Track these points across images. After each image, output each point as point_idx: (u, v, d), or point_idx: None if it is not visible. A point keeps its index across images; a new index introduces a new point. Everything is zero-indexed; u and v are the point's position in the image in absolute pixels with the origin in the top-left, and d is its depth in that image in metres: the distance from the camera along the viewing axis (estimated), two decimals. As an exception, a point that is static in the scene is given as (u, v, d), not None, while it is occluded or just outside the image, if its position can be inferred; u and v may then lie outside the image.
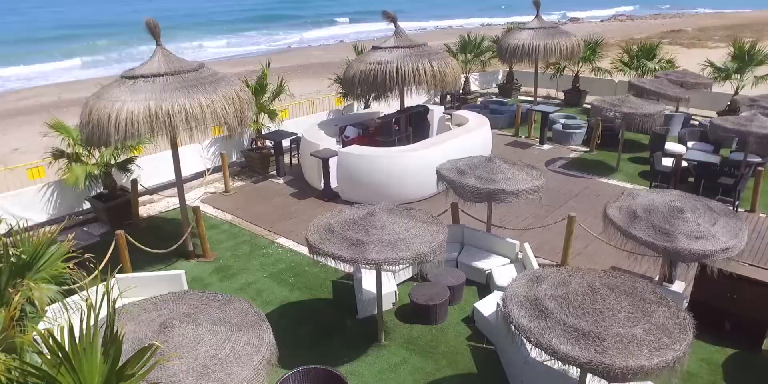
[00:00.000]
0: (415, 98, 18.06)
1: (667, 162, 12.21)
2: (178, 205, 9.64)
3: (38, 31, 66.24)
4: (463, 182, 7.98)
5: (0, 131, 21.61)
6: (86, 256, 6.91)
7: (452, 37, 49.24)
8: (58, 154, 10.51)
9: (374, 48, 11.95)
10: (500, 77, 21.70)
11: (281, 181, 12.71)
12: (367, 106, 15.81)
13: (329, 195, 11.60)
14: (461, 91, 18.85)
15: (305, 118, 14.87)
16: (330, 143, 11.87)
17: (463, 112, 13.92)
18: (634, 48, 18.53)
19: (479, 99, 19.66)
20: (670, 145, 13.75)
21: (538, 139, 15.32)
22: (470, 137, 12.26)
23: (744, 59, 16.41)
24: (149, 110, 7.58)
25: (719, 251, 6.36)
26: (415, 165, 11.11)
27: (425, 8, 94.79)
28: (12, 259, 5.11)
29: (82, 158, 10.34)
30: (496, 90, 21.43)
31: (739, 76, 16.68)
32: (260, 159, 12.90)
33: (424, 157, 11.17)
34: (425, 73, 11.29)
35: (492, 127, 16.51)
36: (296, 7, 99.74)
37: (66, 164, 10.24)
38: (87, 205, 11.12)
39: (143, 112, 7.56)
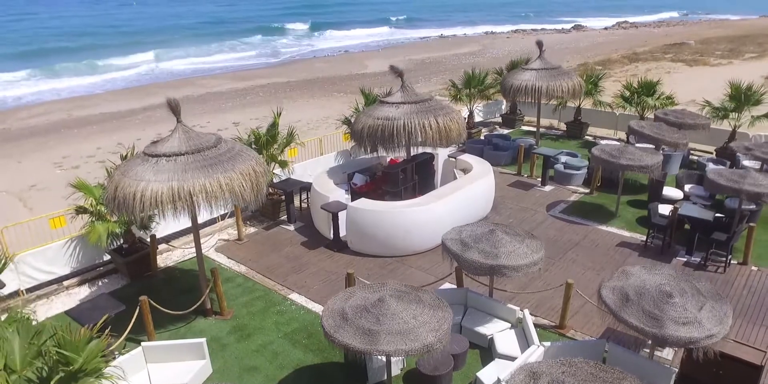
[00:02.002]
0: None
1: (664, 210, 12.66)
2: (195, 255, 10.16)
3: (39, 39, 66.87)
4: (466, 257, 8.46)
5: (15, 158, 22.12)
6: (117, 354, 7.52)
7: (473, 45, 49.16)
8: (80, 211, 11.00)
9: (381, 102, 12.42)
10: (504, 107, 22.14)
11: (292, 228, 13.21)
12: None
13: (338, 246, 12.10)
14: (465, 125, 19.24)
15: (314, 160, 15.33)
16: (339, 194, 12.37)
17: (466, 157, 14.37)
18: (635, 85, 18.88)
19: (483, 133, 20.10)
20: (668, 190, 14.22)
21: (540, 179, 15.78)
22: (474, 188, 12.74)
23: (740, 100, 16.79)
24: (172, 190, 8.09)
25: (704, 338, 6.83)
26: (421, 219, 11.61)
27: (448, 14, 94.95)
28: (60, 366, 5.57)
29: (104, 216, 10.83)
30: (500, 120, 21.87)
31: (736, 114, 17.08)
32: (271, 205, 13.40)
33: (429, 210, 11.68)
34: (431, 129, 11.78)
35: (495, 164, 17.14)
36: (299, 12, 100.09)
37: (88, 222, 10.73)
38: (107, 257, 11.64)
39: (166, 193, 8.07)
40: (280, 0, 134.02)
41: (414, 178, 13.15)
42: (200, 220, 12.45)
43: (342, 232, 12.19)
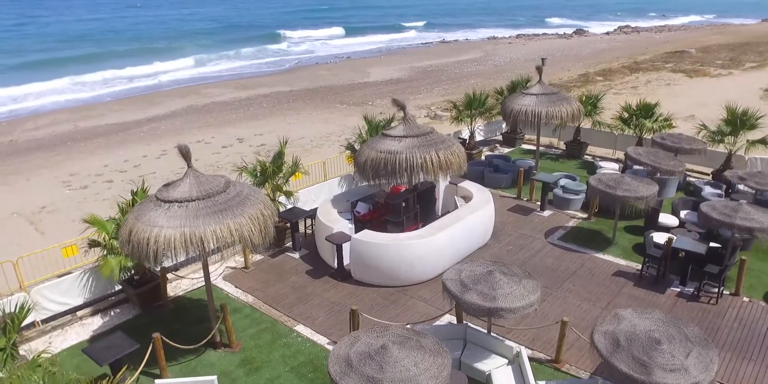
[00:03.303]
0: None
1: (659, 239, 12.99)
2: (203, 284, 10.53)
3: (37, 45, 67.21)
4: (465, 299, 8.82)
5: (23, 175, 22.52)
6: None
7: (475, 52, 49.46)
8: (93, 244, 11.39)
9: (384, 135, 12.77)
10: (504, 126, 22.48)
11: (297, 255, 13.59)
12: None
13: (342, 275, 12.49)
14: (466, 145, 19.62)
15: (318, 186, 15.68)
16: (343, 225, 12.75)
17: (467, 185, 14.72)
18: (633, 106, 19.19)
19: (484, 152, 20.44)
20: (664, 217, 14.57)
21: (539, 203, 16.12)
22: (474, 218, 13.11)
23: (736, 124, 17.12)
24: (184, 236, 8.46)
25: (690, 387, 7.19)
26: (423, 251, 11.99)
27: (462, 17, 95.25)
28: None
29: (116, 250, 11.21)
30: (500, 138, 22.22)
31: (732, 138, 17.41)
32: (277, 233, 13.74)
33: (431, 242, 12.06)
34: (432, 163, 12.14)
35: (495, 187, 17.53)
36: (299, 16, 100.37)
37: (101, 256, 11.12)
38: (119, 286, 12.03)
39: (179, 239, 8.45)
40: (280, 2, 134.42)
41: (416, 207, 13.52)
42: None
43: (346, 261, 12.57)
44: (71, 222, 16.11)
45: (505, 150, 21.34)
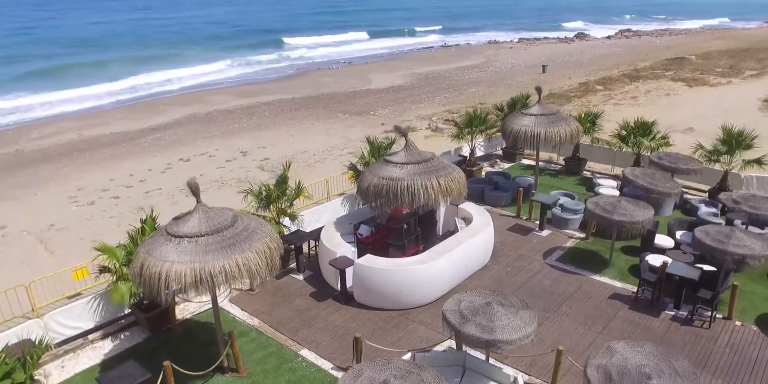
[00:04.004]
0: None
1: (654, 262, 13.31)
2: (211, 306, 10.86)
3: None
4: (464, 331, 9.16)
5: (31, 189, 22.90)
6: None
7: (476, 57, 49.63)
8: (103, 270, 11.74)
9: (386, 161, 13.09)
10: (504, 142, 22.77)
11: (301, 277, 13.93)
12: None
13: (345, 298, 12.83)
14: (467, 162, 19.95)
15: (321, 207, 16.02)
16: (346, 249, 13.08)
17: (467, 206, 15.04)
18: (631, 124, 19.48)
19: (484, 168, 20.74)
20: (659, 239, 14.88)
21: (538, 222, 16.44)
22: (474, 241, 13.45)
23: (732, 144, 17.41)
24: (194, 272, 8.80)
25: (678, 422, 7.52)
26: (424, 276, 12.34)
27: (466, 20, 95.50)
28: None
29: (126, 277, 11.55)
30: (501, 153, 22.53)
31: (728, 157, 17.70)
32: (281, 254, 14.09)
33: (432, 267, 12.41)
34: (433, 190, 12.46)
35: (495, 205, 17.86)
36: (299, 19, 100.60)
37: (111, 283, 11.47)
38: (128, 309, 12.38)
39: (189, 274, 8.79)
40: (281, 6, 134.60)
41: (417, 230, 13.85)
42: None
43: (349, 284, 12.91)
44: (80, 240, 16.50)
45: (506, 165, 21.65)
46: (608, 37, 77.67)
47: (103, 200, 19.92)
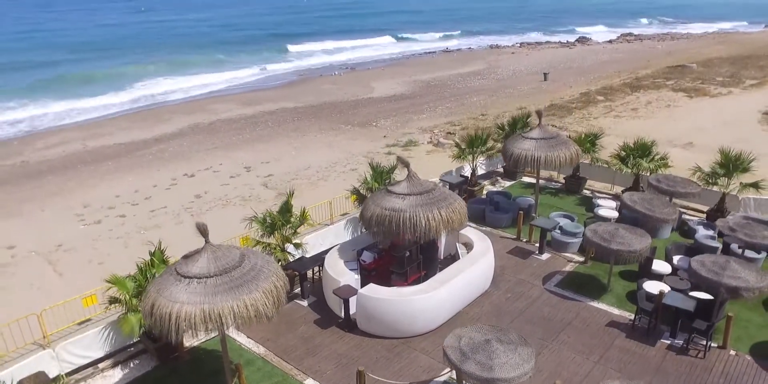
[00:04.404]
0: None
1: (651, 289, 13.57)
2: (218, 333, 11.14)
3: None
4: (464, 369, 9.46)
5: (37, 204, 23.19)
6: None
7: (478, 63, 49.72)
8: (113, 301, 12.04)
9: (389, 191, 13.36)
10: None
11: (305, 303, 14.22)
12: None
13: (349, 326, 13.13)
14: (468, 182, 20.23)
15: (324, 230, 16.29)
16: (349, 278, 13.38)
17: (468, 232, 15.32)
18: (630, 145, 19.71)
19: (485, 187, 21.00)
20: (657, 264, 15.12)
21: (537, 245, 16.71)
22: (474, 270, 13.74)
23: (729, 168, 17.66)
24: (204, 313, 9.09)
25: None
26: (424, 305, 12.64)
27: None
28: None
29: (136, 308, 11.86)
30: (501, 170, 22.78)
31: (726, 180, 17.96)
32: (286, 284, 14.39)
33: (433, 297, 12.70)
34: (434, 221, 12.74)
35: (496, 226, 18.14)
36: (300, 23, 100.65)
37: (121, 315, 11.77)
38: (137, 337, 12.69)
39: (199, 315, 9.07)
40: (281, 10, 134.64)
41: (419, 257, 14.14)
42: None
43: (352, 310, 13.20)
44: (88, 263, 16.82)
45: (507, 183, 21.91)
46: (610, 42, 77.80)
47: (109, 219, 20.20)
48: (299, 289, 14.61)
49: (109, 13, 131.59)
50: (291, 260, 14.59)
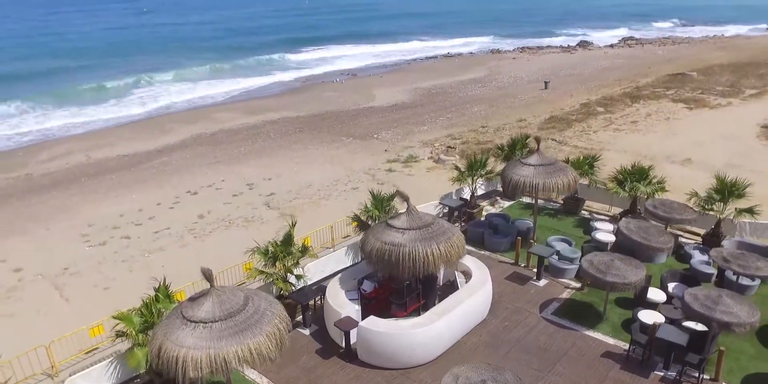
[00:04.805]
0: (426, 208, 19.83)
1: (645, 319, 13.85)
2: None
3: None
4: (462, 412, 9.76)
5: (42, 222, 23.47)
6: None
7: (479, 70, 49.38)
8: (120, 335, 12.35)
9: (388, 225, 13.64)
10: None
11: (307, 332, 14.52)
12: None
13: (349, 356, 13.44)
14: (468, 205, 20.49)
15: (326, 258, 16.57)
16: (350, 309, 13.69)
17: (467, 260, 15.56)
18: (628, 168, 19.95)
19: (485, 208, 21.26)
20: (652, 293, 15.41)
21: (535, 270, 16.98)
22: (472, 301, 14.03)
23: (725, 194, 17.91)
24: (209, 358, 9.40)
25: None
26: (424, 337, 12.95)
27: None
28: None
29: (143, 342, 12.16)
30: (501, 190, 23.02)
31: (722, 205, 18.21)
32: (287, 308, 14.65)
33: (432, 329, 13.01)
34: (433, 256, 13.04)
35: (495, 250, 18.43)
36: (301, 27, 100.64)
37: (128, 350, 12.08)
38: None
39: (205, 360, 9.38)
40: (283, 13, 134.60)
41: (418, 287, 14.43)
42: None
43: (353, 340, 13.51)
44: (93, 288, 17.13)
45: (506, 204, 22.17)
46: (611, 46, 77.91)
47: (114, 240, 20.50)
48: (301, 318, 14.92)
49: (110, 14, 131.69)
50: (293, 289, 14.89)
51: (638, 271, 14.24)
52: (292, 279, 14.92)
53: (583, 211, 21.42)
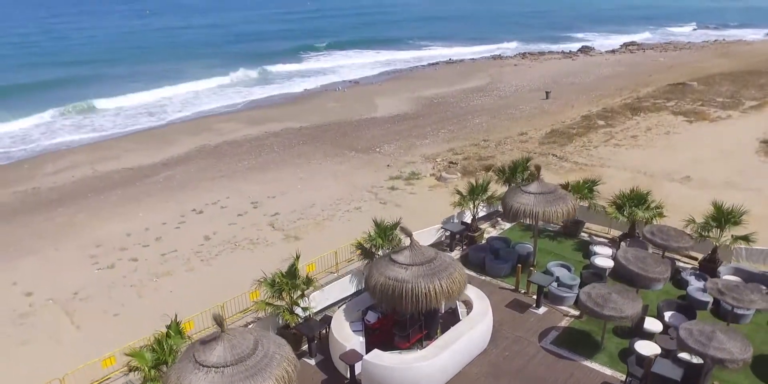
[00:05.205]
0: (425, 237, 20.26)
1: (643, 348, 14.25)
2: None
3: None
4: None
5: (50, 241, 23.91)
6: None
7: (480, 77, 49.20)
8: (133, 369, 12.75)
9: (392, 260, 14.03)
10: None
11: (313, 362, 14.93)
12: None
13: (354, 388, 13.88)
14: (469, 228, 20.87)
15: (329, 287, 16.94)
16: (355, 342, 14.08)
17: (468, 290, 15.94)
18: (627, 193, 20.30)
19: (486, 232, 21.62)
20: (648, 323, 15.79)
21: (535, 297, 17.36)
22: (474, 332, 14.45)
23: (721, 221, 18.26)
24: (221, 404, 9.82)
25: None
26: (427, 370, 13.37)
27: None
28: None
29: (154, 378, 12.56)
30: (502, 210, 23.37)
31: (718, 232, 18.56)
32: (293, 338, 15.09)
33: (435, 363, 13.42)
34: (435, 292, 13.44)
35: (495, 276, 18.82)
36: (302, 34, 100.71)
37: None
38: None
39: (217, 407, 9.81)
40: (284, 15, 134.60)
41: (420, 319, 14.83)
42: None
43: (357, 371, 13.92)
44: (103, 313, 17.56)
45: (507, 225, 22.52)
46: (613, 51, 78.14)
47: (122, 262, 20.91)
48: (307, 347, 15.32)
49: (113, 16, 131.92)
50: (299, 320, 15.28)
51: (635, 304, 14.61)
52: (298, 310, 15.30)
53: (582, 233, 21.79)
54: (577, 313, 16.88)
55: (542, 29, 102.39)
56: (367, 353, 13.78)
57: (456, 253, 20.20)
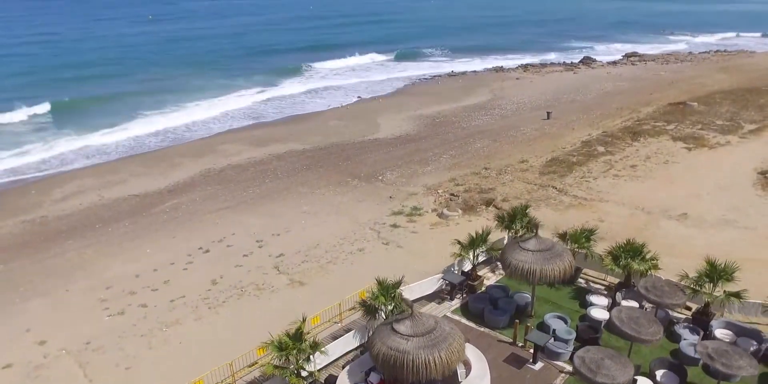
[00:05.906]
0: (426, 287, 20.84)
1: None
2: None
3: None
4: None
5: (61, 280, 24.50)
6: None
7: (482, 93, 49.08)
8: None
9: (393, 331, 14.60)
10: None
11: (317, 424, 15.56)
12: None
13: (357, 454, 14.47)
14: (470, 277, 21.42)
15: (333, 344, 17.49)
16: (358, 408, 14.70)
17: (467, 350, 16.50)
18: (623, 245, 20.79)
19: (486, 280, 22.13)
20: (641, 383, 16.36)
21: (532, 351, 17.92)
22: (472, 399, 15.01)
23: (714, 278, 18.77)
24: None
25: None
26: (426, 440, 13.96)
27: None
28: None
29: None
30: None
31: (711, 286, 19.08)
32: (299, 401, 15.69)
33: (434, 432, 14.01)
34: (434, 364, 14.03)
35: (494, 327, 19.39)
36: (304, 45, 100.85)
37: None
38: None
39: None
40: (286, 21, 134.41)
41: (422, 382, 15.39)
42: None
43: (359, 434, 14.53)
44: (115, 367, 18.17)
45: (505, 270, 23.05)
46: (614, 63, 78.46)
47: (132, 308, 21.47)
48: (312, 407, 15.93)
49: (115, 22, 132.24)
50: (305, 383, 15.87)
51: (627, 370, 15.15)
52: (303, 373, 15.89)
53: (580, 279, 22.32)
54: (571, 368, 17.44)
55: (544, 37, 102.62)
56: (370, 416, 14.42)
57: (456, 302, 20.78)
